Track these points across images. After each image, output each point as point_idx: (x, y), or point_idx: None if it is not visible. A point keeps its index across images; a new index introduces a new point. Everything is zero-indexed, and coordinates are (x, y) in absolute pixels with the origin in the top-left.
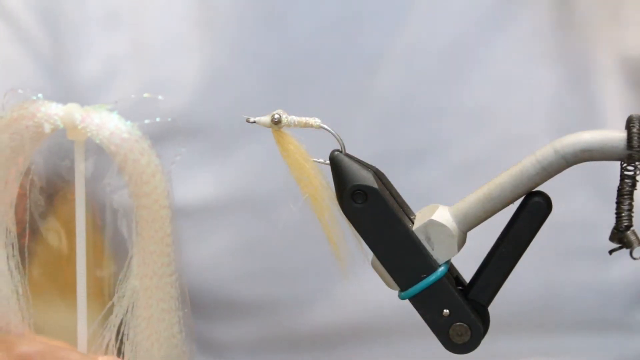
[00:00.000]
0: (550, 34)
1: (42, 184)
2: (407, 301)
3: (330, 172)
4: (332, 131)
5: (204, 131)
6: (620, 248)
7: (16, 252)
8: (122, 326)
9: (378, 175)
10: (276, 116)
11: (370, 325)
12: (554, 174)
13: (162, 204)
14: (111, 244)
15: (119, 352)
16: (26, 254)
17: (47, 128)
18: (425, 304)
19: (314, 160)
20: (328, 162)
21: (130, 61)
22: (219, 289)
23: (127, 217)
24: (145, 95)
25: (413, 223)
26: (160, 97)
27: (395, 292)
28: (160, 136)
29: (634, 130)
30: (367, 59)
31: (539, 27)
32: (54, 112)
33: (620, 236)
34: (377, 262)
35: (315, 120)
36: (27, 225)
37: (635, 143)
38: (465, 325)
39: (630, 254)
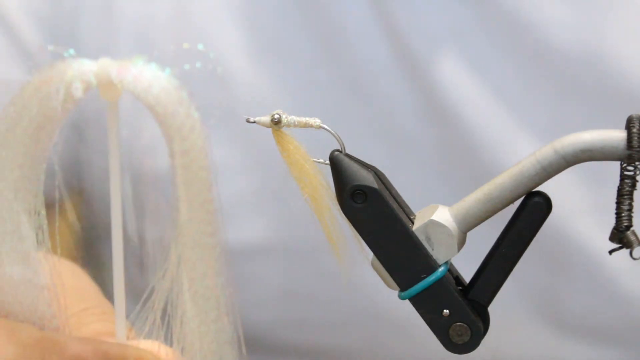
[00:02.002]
0: None
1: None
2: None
3: (330, 172)
4: (332, 131)
5: (264, 174)
6: (620, 248)
7: (46, 237)
8: (167, 307)
9: (378, 175)
10: (276, 116)
11: None
12: (554, 174)
13: (200, 164)
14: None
15: (165, 337)
16: (57, 237)
17: (79, 87)
18: (425, 304)
19: (314, 160)
20: (328, 162)
21: None
22: (264, 331)
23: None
24: (185, 45)
25: (413, 223)
26: (200, 47)
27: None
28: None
29: (634, 130)
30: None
31: None
32: (87, 68)
33: (620, 236)
34: (377, 262)
35: (315, 120)
36: (57, 204)
37: (635, 143)
38: (465, 325)
39: (630, 254)
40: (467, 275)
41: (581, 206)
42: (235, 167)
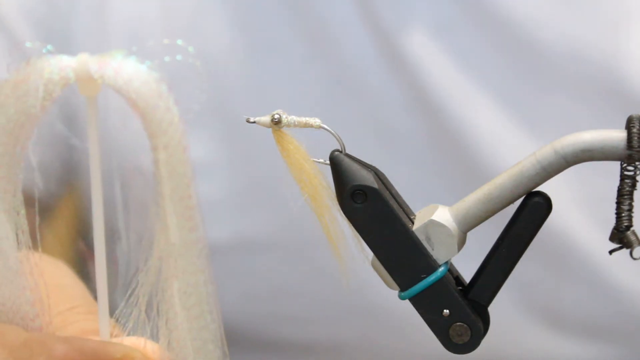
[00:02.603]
0: None
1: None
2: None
3: (330, 172)
4: (332, 131)
5: (262, 170)
6: (620, 248)
7: (27, 237)
8: (152, 302)
9: (378, 175)
10: (276, 116)
11: None
12: (554, 174)
13: (179, 158)
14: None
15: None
16: (38, 237)
17: (58, 85)
18: (425, 304)
19: (314, 160)
20: (328, 162)
21: None
22: (260, 327)
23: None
24: (165, 41)
25: (413, 223)
26: (180, 42)
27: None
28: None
29: (634, 130)
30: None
31: None
32: (66, 64)
33: (620, 236)
34: (377, 262)
35: (315, 120)
36: (37, 204)
37: (635, 143)
38: (465, 325)
39: (630, 254)
40: (467, 275)
41: (580, 206)
42: (233, 164)
